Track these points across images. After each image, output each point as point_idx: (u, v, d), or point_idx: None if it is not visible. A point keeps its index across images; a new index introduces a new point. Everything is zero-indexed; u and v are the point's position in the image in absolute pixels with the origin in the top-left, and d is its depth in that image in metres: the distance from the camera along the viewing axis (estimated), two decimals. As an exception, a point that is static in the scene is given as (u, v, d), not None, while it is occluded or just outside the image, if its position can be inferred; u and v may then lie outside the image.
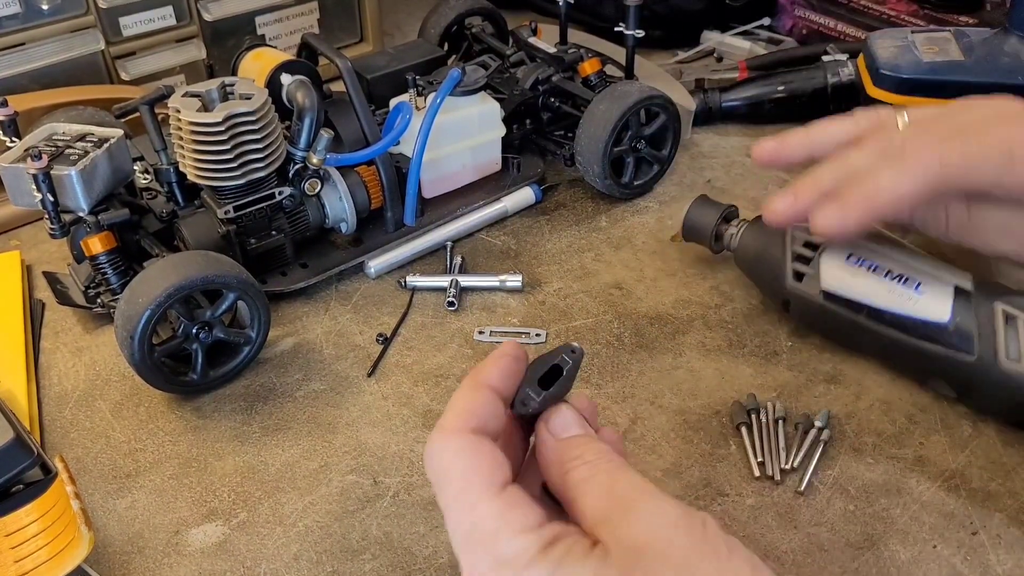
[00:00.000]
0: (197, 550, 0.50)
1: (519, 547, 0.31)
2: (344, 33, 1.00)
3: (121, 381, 0.62)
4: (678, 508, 0.32)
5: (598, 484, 0.33)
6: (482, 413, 0.35)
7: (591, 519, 0.33)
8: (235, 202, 0.63)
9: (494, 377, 0.36)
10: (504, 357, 0.37)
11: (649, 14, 0.83)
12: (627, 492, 0.33)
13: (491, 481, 0.33)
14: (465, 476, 0.33)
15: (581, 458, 0.35)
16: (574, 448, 0.35)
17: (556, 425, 0.36)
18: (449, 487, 0.33)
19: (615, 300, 0.67)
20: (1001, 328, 0.52)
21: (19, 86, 0.79)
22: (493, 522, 0.32)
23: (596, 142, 0.72)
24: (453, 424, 0.34)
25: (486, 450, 0.34)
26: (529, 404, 0.36)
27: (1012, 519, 0.50)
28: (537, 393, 0.36)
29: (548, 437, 0.36)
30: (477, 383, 0.36)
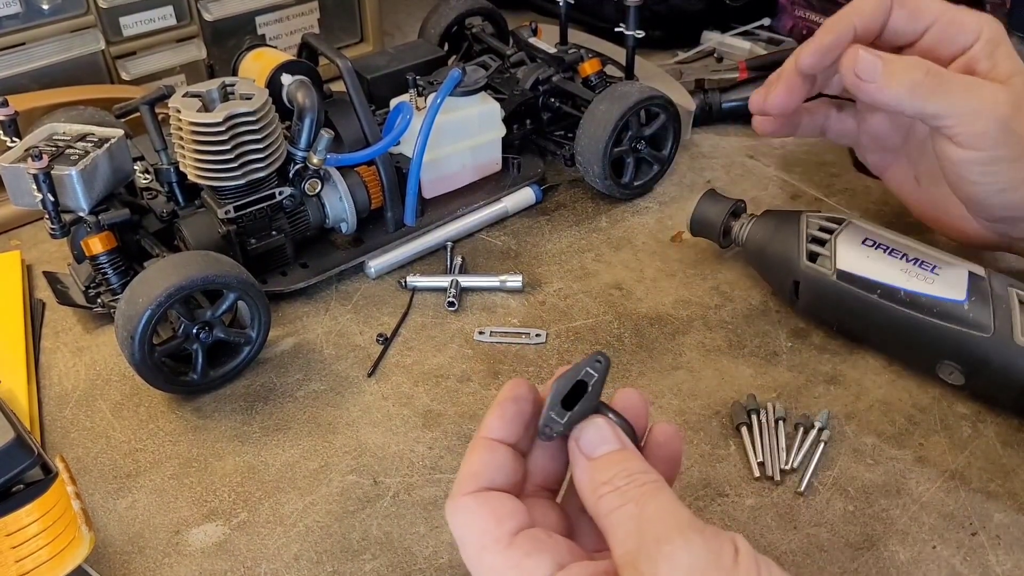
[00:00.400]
0: (197, 550, 0.50)
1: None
2: (344, 33, 1.00)
3: (121, 381, 0.62)
4: (707, 544, 0.31)
5: (627, 516, 0.32)
6: (486, 472, 0.35)
7: (618, 558, 0.32)
8: (235, 202, 0.63)
9: (495, 428, 0.37)
10: (503, 403, 0.37)
11: (649, 14, 0.83)
12: (654, 528, 0.32)
13: (500, 533, 0.33)
14: (477, 536, 0.34)
15: (611, 483, 0.34)
16: (605, 470, 0.34)
17: (586, 443, 0.35)
18: (468, 550, 0.34)
19: (615, 300, 0.67)
20: (1016, 308, 0.53)
21: (19, 86, 0.79)
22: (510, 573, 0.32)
23: (596, 142, 0.72)
24: (459, 489, 0.35)
25: (492, 505, 0.34)
26: (553, 428, 0.35)
27: (1012, 520, 0.50)
28: (560, 416, 0.35)
29: (580, 457, 0.35)
30: (479, 442, 0.37)
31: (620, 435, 0.35)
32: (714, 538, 0.31)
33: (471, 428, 0.57)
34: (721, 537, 0.31)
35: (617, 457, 0.34)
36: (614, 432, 0.35)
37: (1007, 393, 0.54)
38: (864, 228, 0.60)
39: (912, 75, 0.53)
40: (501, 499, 0.34)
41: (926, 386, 0.59)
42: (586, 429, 0.35)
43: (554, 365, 0.62)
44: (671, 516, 0.32)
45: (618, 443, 0.35)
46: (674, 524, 0.31)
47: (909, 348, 0.58)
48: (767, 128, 0.63)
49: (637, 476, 0.33)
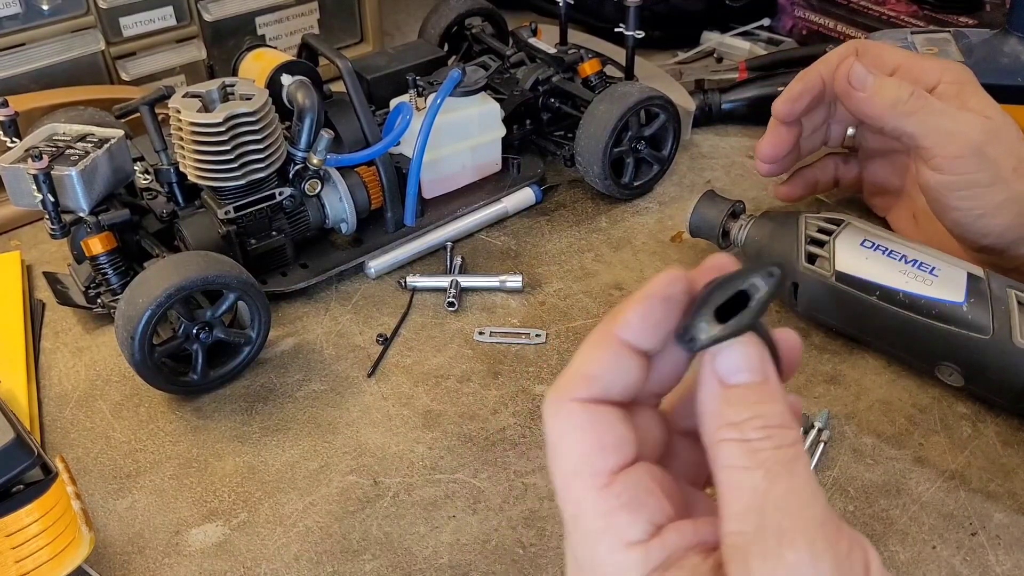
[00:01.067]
0: (197, 550, 0.50)
1: (622, 565, 0.27)
2: (344, 33, 1.00)
3: (121, 381, 0.62)
4: (836, 558, 0.26)
5: (749, 485, 0.27)
6: (605, 378, 0.29)
7: (727, 533, 0.27)
8: (235, 202, 0.63)
9: (633, 329, 0.29)
10: (651, 300, 0.29)
11: (649, 14, 0.83)
12: (780, 518, 0.26)
13: (600, 468, 0.28)
14: (573, 458, 0.28)
15: (741, 430, 0.27)
16: (737, 407, 0.28)
17: (724, 364, 0.28)
18: (558, 464, 0.29)
19: (615, 301, 0.67)
20: (1015, 310, 0.54)
21: (19, 86, 0.79)
22: (598, 521, 0.28)
23: (596, 142, 0.72)
24: (568, 389, 0.29)
25: (600, 427, 0.28)
26: (697, 338, 0.28)
27: (1012, 520, 0.50)
28: (710, 325, 0.28)
29: (711, 378, 0.28)
30: (605, 336, 0.29)
31: (767, 365, 0.28)
32: (847, 555, 0.26)
33: (471, 428, 0.57)
34: (853, 552, 0.26)
35: (755, 395, 0.28)
36: (760, 359, 0.28)
37: (1007, 394, 0.54)
38: (863, 229, 0.60)
39: (898, 93, 0.57)
40: (613, 422, 0.29)
41: (926, 386, 0.59)
42: (729, 346, 0.28)
43: (554, 365, 0.62)
44: (804, 508, 0.26)
45: (761, 374, 0.28)
46: (804, 523, 0.26)
47: (908, 350, 0.58)
48: (767, 172, 0.69)
49: (775, 434, 0.27)
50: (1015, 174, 0.56)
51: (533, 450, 0.56)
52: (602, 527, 0.28)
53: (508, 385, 0.60)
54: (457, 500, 0.53)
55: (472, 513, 0.52)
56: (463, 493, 0.53)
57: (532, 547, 0.50)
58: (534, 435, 0.57)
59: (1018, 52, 0.74)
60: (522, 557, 0.49)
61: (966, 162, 0.56)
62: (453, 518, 0.52)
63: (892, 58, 0.61)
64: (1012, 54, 0.74)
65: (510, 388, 0.60)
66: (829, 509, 0.27)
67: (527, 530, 0.51)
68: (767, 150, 0.67)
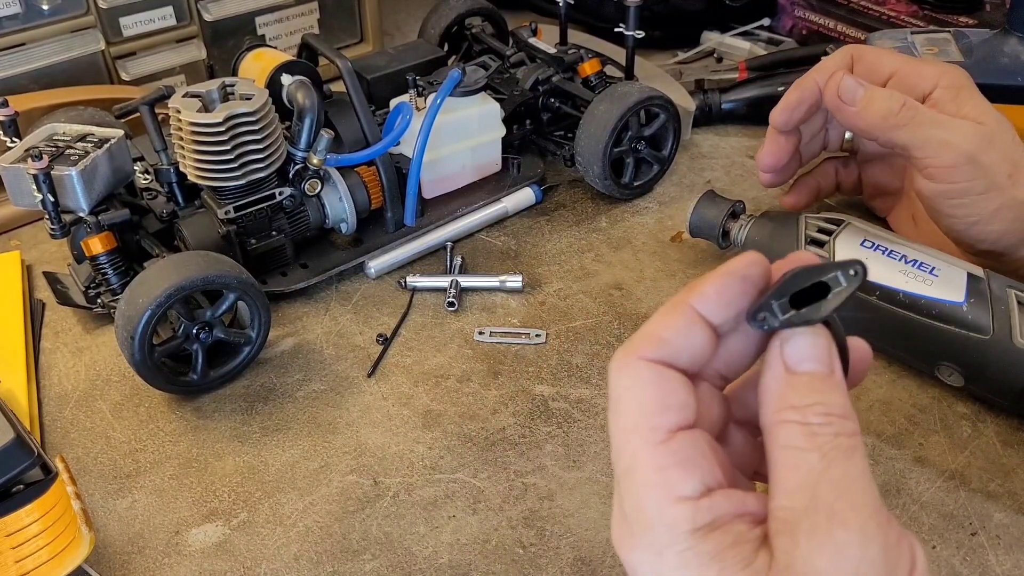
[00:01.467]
0: (197, 550, 0.50)
1: (669, 518, 0.27)
2: (344, 33, 1.00)
3: (121, 381, 0.62)
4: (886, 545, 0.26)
5: (806, 464, 0.27)
6: (675, 342, 0.29)
7: (777, 508, 0.27)
8: (235, 202, 0.63)
9: (709, 301, 0.30)
10: (730, 276, 0.30)
11: (649, 14, 0.83)
12: (834, 498, 0.26)
13: (660, 424, 0.28)
14: (634, 412, 0.29)
15: (803, 413, 0.28)
16: (802, 393, 0.28)
17: (793, 351, 0.29)
18: (618, 418, 0.29)
19: (615, 301, 0.67)
20: (1015, 310, 0.53)
21: (19, 86, 0.79)
22: (651, 475, 0.28)
23: (596, 142, 0.72)
24: (638, 347, 0.30)
25: (665, 387, 0.29)
26: (767, 321, 0.29)
27: (1012, 520, 0.50)
28: (784, 310, 0.29)
29: (777, 363, 0.29)
30: (681, 304, 0.30)
31: (835, 360, 0.29)
32: (895, 544, 0.26)
33: (471, 428, 0.57)
34: (902, 544, 0.27)
35: (821, 384, 0.29)
36: (829, 352, 0.29)
37: (1007, 394, 0.54)
38: (863, 229, 0.60)
39: (889, 105, 0.57)
40: (678, 385, 0.29)
41: (926, 386, 0.59)
42: (799, 334, 0.29)
43: (554, 365, 0.62)
44: (857, 493, 0.26)
45: (828, 367, 0.29)
46: (857, 506, 0.26)
47: (908, 350, 0.58)
48: (769, 182, 0.69)
49: (835, 422, 0.28)
50: (1010, 180, 0.56)
51: (533, 450, 0.56)
52: (655, 480, 0.28)
53: (508, 385, 0.60)
54: (457, 500, 0.53)
55: (472, 513, 0.52)
56: (463, 493, 0.53)
57: (532, 547, 0.50)
58: (534, 435, 0.57)
59: (1018, 52, 0.74)
60: (522, 557, 0.49)
61: (959, 171, 0.56)
62: (453, 518, 0.52)
63: (888, 64, 0.60)
64: (1012, 54, 0.74)
65: (510, 388, 0.60)
66: (882, 501, 0.27)
67: (527, 530, 0.51)
68: (768, 160, 0.67)
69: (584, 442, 0.56)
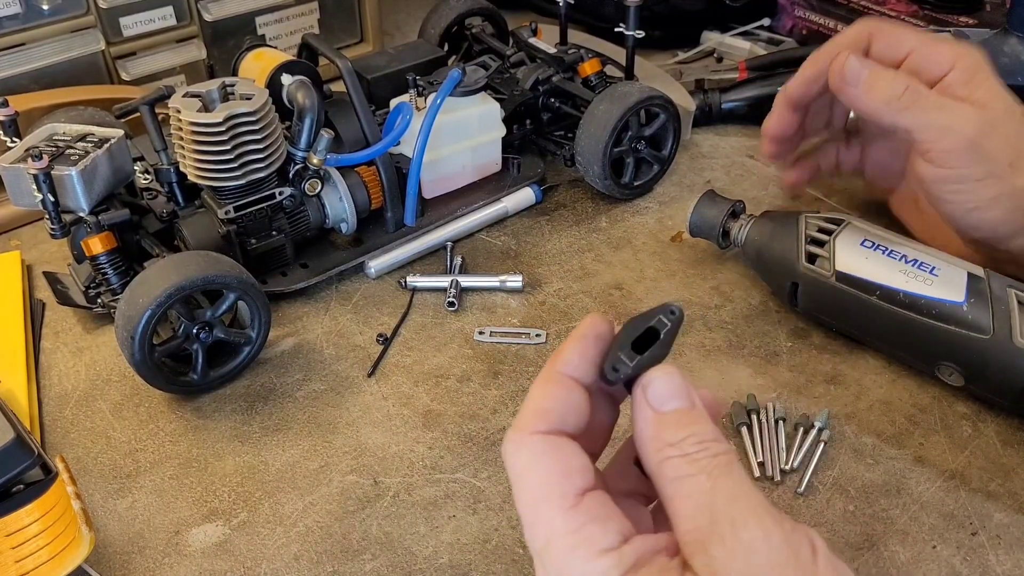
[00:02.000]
0: (197, 550, 0.50)
1: (599, 570, 0.29)
2: (344, 33, 1.00)
3: (121, 381, 0.62)
4: (784, 533, 0.28)
5: (697, 489, 0.29)
6: (559, 410, 0.32)
7: (684, 533, 0.29)
8: (235, 202, 0.63)
9: (572, 364, 0.32)
10: (584, 338, 0.33)
11: (649, 14, 0.83)
12: (729, 507, 0.29)
13: (567, 490, 0.30)
14: (540, 485, 0.30)
15: (680, 447, 0.30)
16: (675, 428, 0.31)
17: (656, 393, 0.31)
18: (524, 495, 0.31)
19: (615, 301, 0.67)
20: (1016, 310, 0.53)
21: (19, 86, 0.79)
22: (569, 539, 0.29)
23: (596, 142, 0.72)
24: (527, 424, 0.31)
25: (563, 455, 0.31)
26: (620, 370, 0.32)
27: (1012, 519, 0.50)
28: (630, 358, 0.31)
29: (645, 407, 0.31)
30: (553, 374, 0.32)
31: (692, 393, 0.32)
32: (792, 532, 0.29)
33: (471, 428, 0.57)
34: (799, 532, 0.29)
35: (688, 417, 0.31)
36: (687, 387, 0.32)
37: (1007, 394, 0.54)
38: (863, 229, 0.60)
39: (892, 89, 0.56)
40: (573, 451, 0.31)
41: (926, 386, 0.59)
42: (658, 378, 0.31)
43: (554, 365, 0.62)
44: (747, 498, 0.29)
45: (689, 401, 0.31)
46: (751, 508, 0.29)
47: (908, 350, 0.58)
48: (772, 152, 0.68)
49: (710, 445, 0.30)
50: (1012, 168, 0.55)
51: (533, 450, 0.56)
52: (574, 542, 0.29)
53: (508, 385, 0.60)
54: (457, 500, 0.53)
55: (472, 513, 0.52)
56: (463, 493, 0.53)
57: (532, 547, 0.50)
58: (534, 435, 0.57)
59: (1018, 52, 0.74)
60: (522, 557, 0.49)
61: (958, 156, 0.55)
62: (453, 518, 0.52)
63: (907, 42, 0.59)
64: (1012, 54, 0.74)
65: (510, 388, 0.60)
66: (768, 501, 0.30)
67: (527, 530, 0.51)
68: (774, 128, 0.66)
69: (584, 442, 0.56)
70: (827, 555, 0.29)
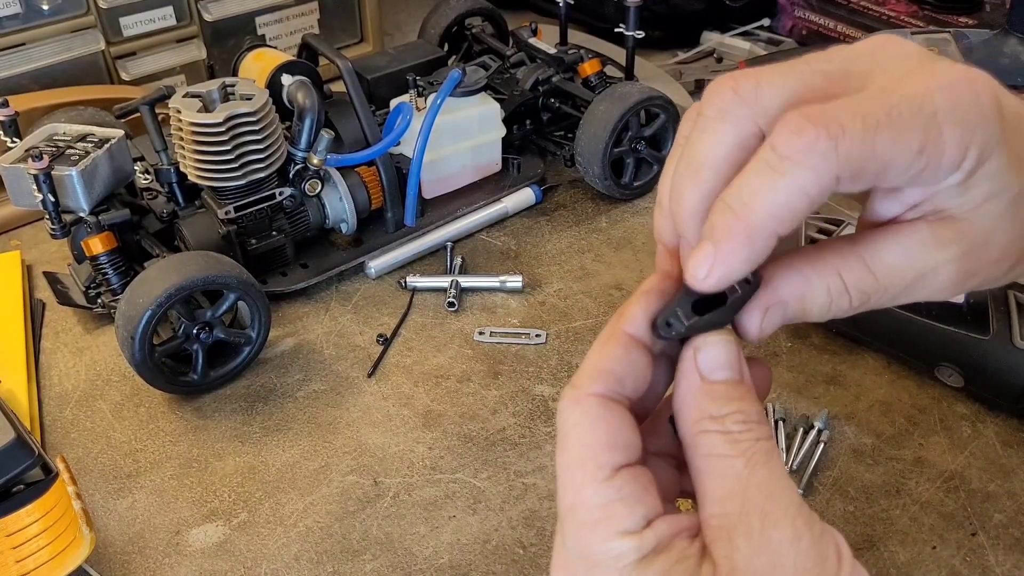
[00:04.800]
0: (198, 550, 0.50)
1: (615, 552, 0.28)
2: (344, 33, 1.00)
3: (122, 381, 0.62)
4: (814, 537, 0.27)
5: (732, 473, 0.28)
6: (618, 371, 0.30)
7: (710, 516, 0.28)
8: (236, 202, 0.63)
9: (636, 322, 0.30)
10: (648, 296, 0.31)
11: (649, 14, 0.83)
12: (762, 501, 0.27)
13: (605, 462, 0.29)
14: (580, 448, 0.29)
15: (722, 422, 0.29)
16: (720, 401, 0.29)
17: (707, 359, 0.29)
18: (564, 454, 0.29)
19: (615, 301, 0.67)
20: (1015, 311, 0.54)
21: (19, 86, 0.79)
22: (595, 512, 0.29)
23: (596, 143, 0.72)
24: (586, 383, 0.30)
25: (612, 424, 0.29)
26: (674, 326, 0.30)
27: (1011, 520, 0.50)
28: (688, 316, 0.29)
29: (693, 372, 0.30)
30: (615, 332, 0.30)
31: (745, 368, 0.30)
32: (821, 538, 0.28)
33: (471, 428, 0.57)
34: (826, 537, 0.28)
35: (736, 391, 0.29)
36: (741, 361, 0.30)
37: (1006, 394, 0.54)
38: None
39: None
40: (623, 423, 0.29)
41: (926, 386, 0.59)
42: (713, 343, 0.29)
43: (554, 365, 0.62)
44: (782, 494, 0.28)
45: (739, 373, 0.30)
46: (785, 506, 0.27)
47: (908, 350, 0.58)
48: None
49: (753, 427, 0.29)
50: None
51: (533, 450, 0.56)
52: (598, 517, 0.29)
53: (508, 385, 0.60)
54: (457, 500, 0.53)
55: (472, 513, 0.52)
56: (463, 493, 0.53)
57: (532, 547, 0.50)
58: (534, 435, 0.57)
59: (1018, 52, 0.74)
60: (522, 557, 0.49)
61: None
62: (453, 518, 0.52)
63: None
64: (1012, 54, 0.74)
65: (510, 388, 0.60)
66: (802, 499, 0.28)
67: (527, 530, 0.51)
68: None
69: (584, 442, 0.56)
70: (851, 562, 0.28)
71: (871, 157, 0.26)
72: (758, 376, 0.31)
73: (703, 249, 0.28)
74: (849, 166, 0.26)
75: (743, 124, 0.27)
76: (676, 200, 0.29)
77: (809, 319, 0.32)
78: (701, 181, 0.28)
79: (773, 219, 0.27)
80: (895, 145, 0.26)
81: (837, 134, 0.25)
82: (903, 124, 0.26)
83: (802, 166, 0.25)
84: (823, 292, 0.30)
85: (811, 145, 0.25)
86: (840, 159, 0.25)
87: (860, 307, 0.31)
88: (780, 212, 0.26)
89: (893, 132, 0.26)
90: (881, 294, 0.30)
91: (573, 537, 0.29)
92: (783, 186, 0.26)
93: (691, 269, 0.28)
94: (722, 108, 0.28)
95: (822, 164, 0.25)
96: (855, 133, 0.25)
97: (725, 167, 0.28)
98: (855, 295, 0.30)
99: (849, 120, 0.25)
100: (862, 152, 0.25)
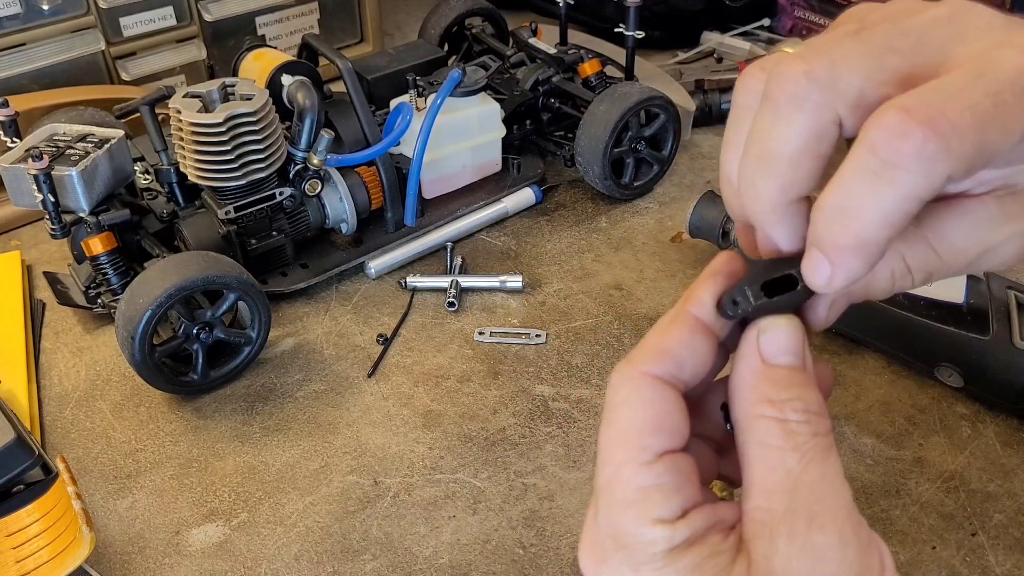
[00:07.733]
0: (198, 550, 0.50)
1: (646, 539, 0.27)
2: (344, 33, 1.00)
3: (122, 381, 0.62)
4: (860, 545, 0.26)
5: (784, 466, 0.27)
6: (679, 354, 0.29)
7: (752, 509, 0.27)
8: (236, 203, 0.63)
9: (704, 305, 0.29)
10: (715, 277, 0.30)
11: (649, 15, 0.83)
12: (811, 502, 0.26)
13: (649, 445, 0.28)
14: (626, 427, 0.28)
15: (781, 409, 0.27)
16: (781, 386, 0.28)
17: (771, 341, 0.28)
18: (609, 430, 0.28)
19: (615, 301, 0.67)
20: (1015, 311, 0.54)
21: (20, 86, 0.79)
22: (631, 493, 0.28)
23: (596, 143, 0.72)
24: (643, 360, 0.29)
25: (663, 408, 0.28)
26: (740, 305, 0.28)
27: (1011, 520, 0.50)
28: (756, 296, 0.28)
29: (754, 354, 0.28)
30: (682, 313, 0.29)
31: (809, 357, 0.28)
32: (867, 545, 0.26)
33: (471, 428, 0.57)
34: (872, 546, 0.27)
35: (799, 378, 0.28)
36: (806, 348, 0.28)
37: (1006, 395, 0.54)
38: None
39: None
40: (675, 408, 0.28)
41: (926, 386, 0.59)
42: (779, 326, 0.28)
43: (554, 365, 0.62)
44: (834, 497, 0.26)
45: (803, 360, 0.28)
46: (834, 510, 0.26)
47: (908, 350, 0.58)
48: None
49: (813, 419, 0.27)
50: None
51: (533, 450, 0.56)
52: (634, 499, 0.28)
53: (508, 385, 0.60)
54: (457, 500, 0.53)
55: (472, 513, 0.52)
56: (463, 493, 0.53)
57: (532, 547, 0.50)
58: (534, 435, 0.57)
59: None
60: (522, 557, 0.50)
61: None
62: (453, 518, 0.52)
63: None
64: (1012, 54, 0.74)
65: (510, 388, 0.60)
66: (853, 503, 0.27)
67: (527, 530, 0.51)
68: None
69: (584, 442, 0.56)
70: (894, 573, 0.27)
71: (982, 152, 0.24)
72: (821, 375, 0.30)
73: (817, 259, 0.27)
74: (962, 165, 0.23)
75: (820, 112, 0.25)
76: (751, 195, 0.28)
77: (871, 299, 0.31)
78: (778, 174, 0.26)
79: (886, 226, 0.25)
80: (1003, 136, 0.24)
81: (947, 133, 0.23)
82: (1008, 112, 0.24)
83: (911, 172, 0.23)
84: (887, 276, 0.29)
85: (919, 149, 0.23)
86: (952, 160, 0.23)
87: (922, 284, 0.30)
88: (892, 218, 0.25)
89: (1001, 122, 0.24)
90: (944, 271, 0.29)
91: (606, 514, 0.28)
92: (891, 194, 0.24)
93: (809, 278, 0.27)
94: (795, 95, 0.25)
95: (933, 168, 0.23)
96: (966, 130, 0.23)
97: (803, 159, 0.26)
98: (918, 275, 0.29)
99: (957, 115, 0.23)
100: (973, 149, 0.23)
